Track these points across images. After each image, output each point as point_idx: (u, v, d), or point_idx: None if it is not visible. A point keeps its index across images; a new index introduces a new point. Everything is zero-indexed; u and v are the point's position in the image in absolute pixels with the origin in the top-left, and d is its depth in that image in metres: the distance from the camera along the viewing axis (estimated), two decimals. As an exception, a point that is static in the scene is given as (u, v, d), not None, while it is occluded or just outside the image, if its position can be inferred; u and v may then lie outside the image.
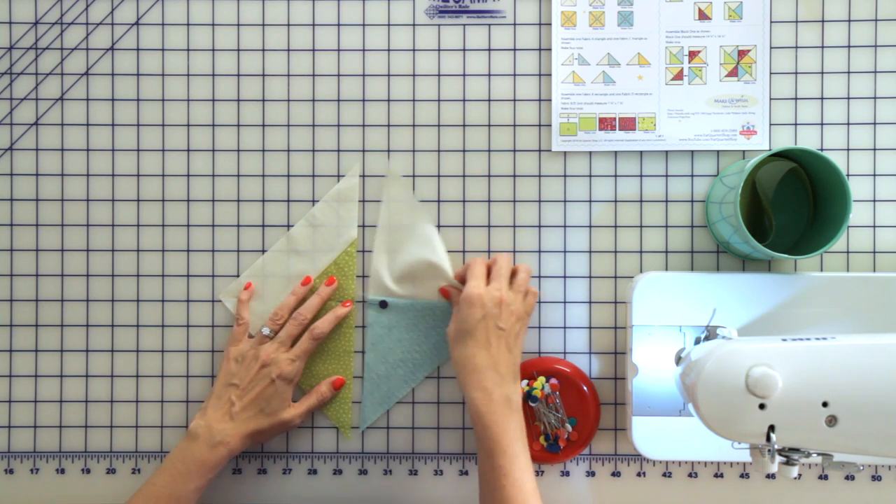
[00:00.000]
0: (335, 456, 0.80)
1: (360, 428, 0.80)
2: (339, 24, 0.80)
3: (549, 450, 0.77)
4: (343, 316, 0.78)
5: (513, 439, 0.68)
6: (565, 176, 0.80)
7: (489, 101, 0.80)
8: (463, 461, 0.80)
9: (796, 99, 0.79)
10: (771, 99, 0.79)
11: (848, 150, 0.79)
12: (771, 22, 0.79)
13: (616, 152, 0.80)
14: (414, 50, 0.80)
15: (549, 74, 0.80)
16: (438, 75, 0.80)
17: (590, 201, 0.80)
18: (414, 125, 0.80)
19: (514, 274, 0.75)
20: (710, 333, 0.70)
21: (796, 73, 0.79)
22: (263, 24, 0.80)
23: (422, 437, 0.80)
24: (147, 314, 0.80)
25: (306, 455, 0.80)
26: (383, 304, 0.80)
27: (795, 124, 0.79)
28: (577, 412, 0.78)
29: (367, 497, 0.80)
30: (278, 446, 0.80)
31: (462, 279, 0.76)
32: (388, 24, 0.80)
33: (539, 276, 0.80)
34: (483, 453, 0.68)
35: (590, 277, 0.80)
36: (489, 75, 0.80)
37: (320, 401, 0.77)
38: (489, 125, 0.80)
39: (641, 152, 0.80)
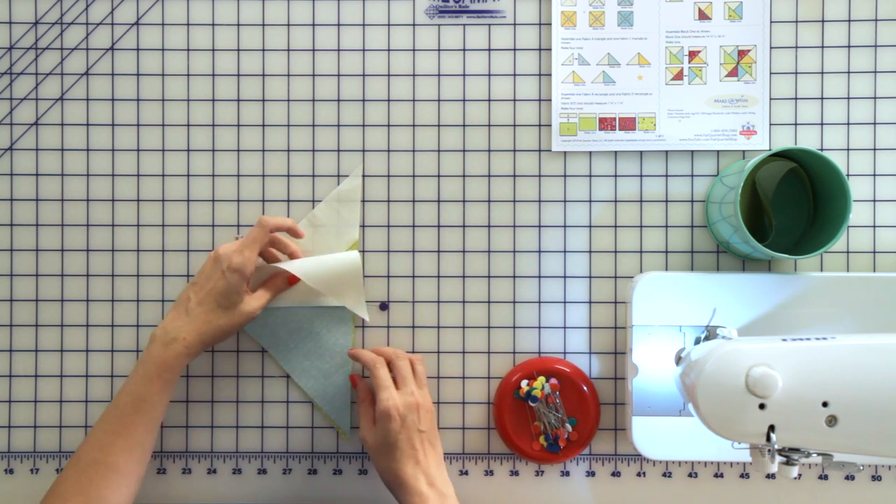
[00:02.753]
0: (335, 456, 0.81)
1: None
2: (338, 24, 0.80)
3: (549, 450, 0.77)
4: (297, 232, 0.77)
5: None
6: (565, 176, 0.80)
7: (489, 101, 0.80)
8: (463, 461, 0.80)
9: (796, 99, 0.79)
10: (771, 99, 0.79)
11: (848, 150, 0.79)
12: (771, 22, 0.79)
13: (616, 152, 0.80)
14: (414, 50, 0.80)
15: (549, 74, 0.80)
16: (438, 75, 0.80)
17: (590, 201, 0.80)
18: (414, 125, 0.80)
19: (412, 366, 0.75)
20: (710, 333, 0.70)
21: (796, 73, 0.79)
22: (263, 24, 0.80)
23: (422, 437, 0.80)
24: (147, 314, 0.80)
25: (306, 455, 0.80)
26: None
27: (795, 124, 0.79)
28: (577, 412, 0.78)
29: (367, 497, 0.80)
30: (278, 446, 0.80)
31: (356, 359, 0.77)
32: (388, 24, 0.80)
33: (539, 276, 0.80)
34: None
35: (590, 277, 0.80)
36: (489, 75, 0.80)
37: (276, 293, 0.77)
38: (489, 125, 0.80)
39: (641, 152, 0.80)
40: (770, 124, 0.79)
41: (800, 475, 0.78)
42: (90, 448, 0.69)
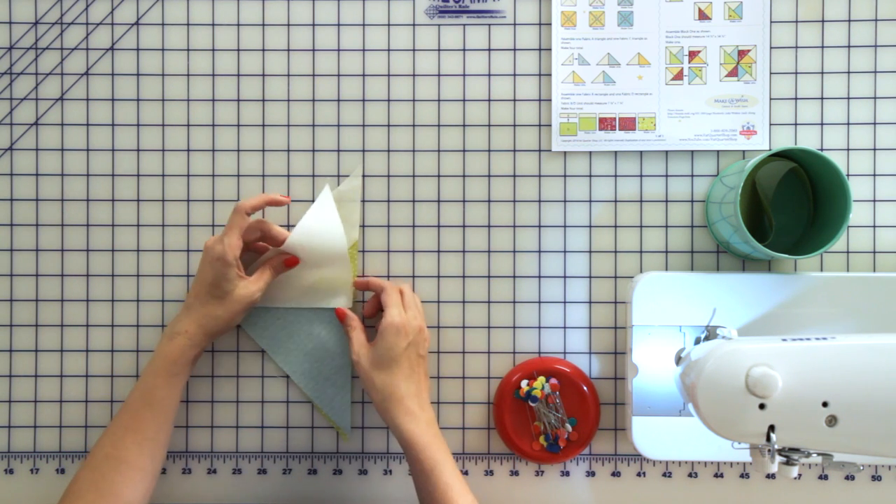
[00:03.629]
0: (335, 456, 0.81)
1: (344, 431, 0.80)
2: (338, 24, 0.80)
3: (549, 450, 0.77)
4: (277, 201, 0.75)
5: (447, 454, 0.71)
6: (565, 176, 0.80)
7: (489, 101, 0.80)
8: (463, 461, 0.80)
9: (796, 99, 0.79)
10: (771, 99, 0.79)
11: (848, 150, 0.79)
12: (771, 22, 0.79)
13: (616, 152, 0.80)
14: (414, 50, 0.80)
15: (549, 74, 0.80)
16: (438, 75, 0.80)
17: (590, 201, 0.80)
18: (414, 125, 0.80)
19: None
20: (710, 333, 0.70)
21: (796, 73, 0.79)
22: (263, 24, 0.80)
23: (422, 437, 0.80)
24: (147, 314, 0.80)
25: (306, 455, 0.80)
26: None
27: (795, 124, 0.79)
28: (577, 412, 0.78)
29: (367, 497, 0.80)
30: (278, 446, 0.80)
31: (367, 287, 0.78)
32: (388, 24, 0.80)
33: (539, 276, 0.80)
34: (423, 474, 0.69)
35: (590, 277, 0.80)
36: (489, 75, 0.80)
37: (276, 273, 0.76)
38: (489, 125, 0.80)
39: (641, 152, 0.80)
40: (770, 124, 0.79)
41: (800, 475, 0.78)
42: (103, 444, 0.70)
